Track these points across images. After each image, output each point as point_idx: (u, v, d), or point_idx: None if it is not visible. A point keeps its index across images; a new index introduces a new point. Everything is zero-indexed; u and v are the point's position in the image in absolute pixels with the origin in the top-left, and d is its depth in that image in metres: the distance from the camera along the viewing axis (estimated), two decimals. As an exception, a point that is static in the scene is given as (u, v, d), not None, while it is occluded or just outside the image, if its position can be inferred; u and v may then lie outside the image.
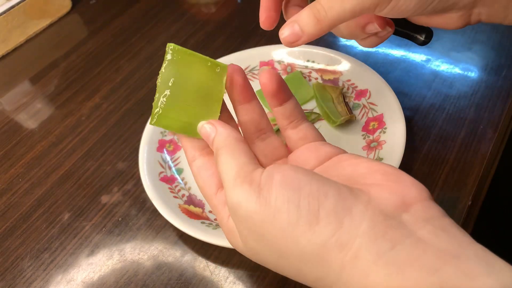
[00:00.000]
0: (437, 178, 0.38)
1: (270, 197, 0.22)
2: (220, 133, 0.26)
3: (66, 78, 0.56)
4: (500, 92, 0.44)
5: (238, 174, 0.24)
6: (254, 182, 0.23)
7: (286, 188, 0.22)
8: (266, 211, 0.22)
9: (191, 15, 0.62)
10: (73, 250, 0.39)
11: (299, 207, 0.21)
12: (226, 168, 0.24)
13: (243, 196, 0.23)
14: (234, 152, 0.25)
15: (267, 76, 0.28)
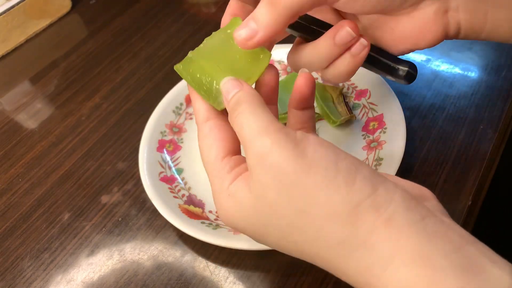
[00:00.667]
0: (437, 178, 0.38)
1: (308, 150, 0.21)
2: (246, 90, 0.25)
3: (66, 78, 0.56)
4: (500, 92, 0.44)
5: (270, 125, 0.22)
6: (290, 135, 0.22)
7: (324, 148, 0.22)
8: (302, 162, 0.21)
9: (191, 15, 0.62)
10: (73, 250, 0.39)
11: (337, 166, 0.21)
12: (253, 120, 0.23)
13: (277, 143, 0.21)
14: (263, 107, 0.24)
15: (304, 80, 0.27)
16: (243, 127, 0.23)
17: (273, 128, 0.22)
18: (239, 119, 0.23)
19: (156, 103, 0.46)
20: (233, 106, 0.24)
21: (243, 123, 0.23)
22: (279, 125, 0.22)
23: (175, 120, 0.45)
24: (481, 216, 0.41)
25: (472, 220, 0.39)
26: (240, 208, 0.23)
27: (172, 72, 0.54)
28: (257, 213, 0.23)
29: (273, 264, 0.35)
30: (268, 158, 0.21)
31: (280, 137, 0.21)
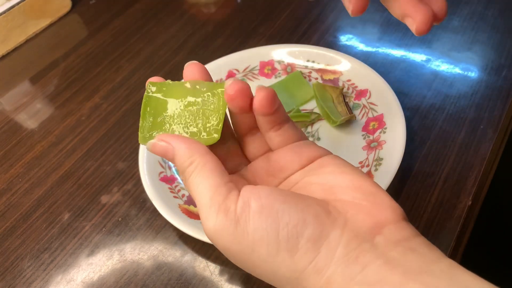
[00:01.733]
0: (437, 178, 0.38)
1: (248, 228, 0.22)
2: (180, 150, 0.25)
3: (66, 78, 0.56)
4: (500, 92, 0.44)
5: (212, 200, 0.23)
6: (230, 211, 0.22)
7: (264, 218, 0.22)
8: (245, 243, 0.22)
9: (191, 15, 0.62)
10: (73, 250, 0.39)
11: (278, 237, 0.22)
12: (198, 191, 0.24)
13: (220, 226, 0.22)
14: (203, 174, 0.24)
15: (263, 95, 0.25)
16: (195, 198, 0.24)
17: (217, 204, 0.23)
18: (188, 187, 0.25)
19: (156, 103, 0.45)
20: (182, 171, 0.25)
21: (194, 195, 0.24)
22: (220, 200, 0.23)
23: (175, 120, 0.45)
24: (481, 216, 0.41)
25: (472, 220, 0.39)
26: None
27: (172, 72, 0.54)
28: None
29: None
30: (215, 240, 0.23)
31: (220, 219, 0.22)
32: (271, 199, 0.23)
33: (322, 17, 0.56)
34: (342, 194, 0.24)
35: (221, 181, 0.24)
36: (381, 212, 0.23)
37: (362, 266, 0.21)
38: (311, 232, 0.22)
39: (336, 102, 0.43)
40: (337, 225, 0.22)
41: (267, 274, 0.23)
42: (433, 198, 0.37)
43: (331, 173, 0.25)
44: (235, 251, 0.23)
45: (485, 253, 0.62)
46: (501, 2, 0.52)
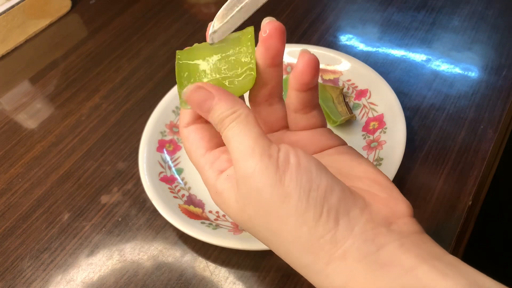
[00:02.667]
0: (437, 178, 0.38)
1: (285, 178, 0.22)
2: (221, 98, 0.25)
3: (66, 78, 0.56)
4: (500, 92, 0.44)
5: (255, 145, 0.23)
6: (273, 157, 0.23)
7: (300, 175, 0.23)
8: (279, 190, 0.22)
9: (191, 15, 0.62)
10: (72, 250, 0.39)
11: (309, 198, 0.22)
12: (240, 139, 0.24)
13: (261, 167, 0.23)
14: (247, 123, 0.24)
15: (308, 62, 0.26)
16: (234, 145, 0.24)
17: (261, 148, 0.23)
18: (229, 137, 0.24)
19: (156, 103, 0.45)
20: (221, 121, 0.25)
21: (233, 142, 0.24)
22: (264, 146, 0.23)
23: (175, 120, 0.45)
24: (482, 216, 0.41)
25: (472, 220, 0.39)
26: (227, 206, 0.26)
27: (172, 72, 0.54)
28: (241, 218, 0.25)
29: (273, 264, 0.35)
30: (250, 182, 0.23)
31: (264, 160, 0.23)
32: (308, 160, 0.23)
33: (322, 17, 0.56)
34: (360, 183, 0.25)
35: (262, 133, 0.24)
36: (397, 205, 0.24)
37: (377, 246, 0.21)
38: (335, 201, 0.22)
39: (336, 102, 0.43)
40: (358, 205, 0.23)
41: (286, 231, 0.23)
42: (433, 198, 0.37)
43: (348, 161, 0.26)
44: (267, 195, 0.23)
45: (485, 253, 0.62)
46: (501, 2, 0.52)
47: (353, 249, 0.22)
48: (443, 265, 0.20)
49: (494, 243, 0.64)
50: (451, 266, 0.20)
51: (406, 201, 0.24)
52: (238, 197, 0.24)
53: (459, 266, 0.21)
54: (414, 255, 0.21)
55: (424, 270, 0.20)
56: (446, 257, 0.21)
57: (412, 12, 0.54)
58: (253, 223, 0.24)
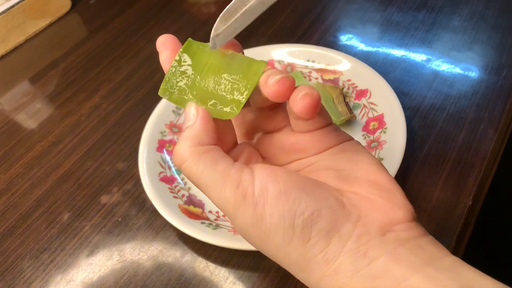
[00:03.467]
0: (437, 178, 0.38)
1: (265, 213, 0.22)
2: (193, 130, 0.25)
3: (66, 78, 0.56)
4: (500, 92, 0.43)
5: (224, 183, 0.23)
6: (248, 193, 0.22)
7: (281, 204, 0.22)
8: (262, 227, 0.22)
9: (191, 15, 0.62)
10: (72, 251, 0.39)
11: (294, 226, 0.22)
12: (208, 175, 0.23)
13: (238, 209, 0.22)
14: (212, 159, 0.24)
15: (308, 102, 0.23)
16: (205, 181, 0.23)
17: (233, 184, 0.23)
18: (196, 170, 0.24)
19: (156, 103, 0.45)
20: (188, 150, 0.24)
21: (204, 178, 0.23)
22: (235, 174, 0.23)
23: (175, 120, 0.45)
24: (482, 216, 0.41)
25: (472, 220, 0.39)
26: None
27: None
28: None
29: (273, 264, 0.35)
30: (234, 222, 0.23)
31: (239, 202, 0.22)
32: (289, 184, 0.23)
33: (322, 17, 0.56)
34: (358, 187, 0.24)
35: (231, 164, 0.24)
36: (394, 211, 0.23)
37: (369, 260, 0.21)
38: (325, 224, 0.22)
39: (336, 102, 0.43)
40: (350, 220, 0.23)
41: (279, 258, 0.23)
42: (433, 198, 0.37)
43: (348, 160, 0.25)
44: (253, 234, 0.23)
45: (485, 253, 0.62)
46: (501, 2, 0.52)
47: (344, 265, 0.22)
48: (437, 271, 0.20)
49: (494, 243, 0.64)
50: (448, 270, 0.20)
51: (406, 205, 0.24)
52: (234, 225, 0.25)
53: (457, 269, 0.20)
54: (407, 265, 0.21)
55: (416, 279, 0.20)
56: (444, 261, 0.21)
57: (412, 12, 0.54)
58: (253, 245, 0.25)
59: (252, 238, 0.23)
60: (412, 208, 0.24)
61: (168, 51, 0.27)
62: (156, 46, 0.27)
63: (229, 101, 0.25)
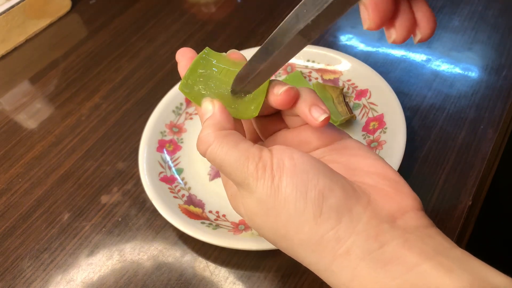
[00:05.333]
0: (437, 178, 0.38)
1: (281, 184, 0.23)
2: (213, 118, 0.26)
3: (66, 78, 0.56)
4: (500, 92, 0.43)
5: (247, 158, 0.24)
6: (267, 166, 0.24)
7: (296, 177, 0.23)
8: (278, 197, 0.23)
9: (191, 15, 0.62)
10: (72, 250, 0.39)
11: (306, 197, 0.23)
12: (232, 155, 0.25)
13: (259, 181, 0.24)
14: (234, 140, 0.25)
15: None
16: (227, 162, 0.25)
17: (253, 160, 0.24)
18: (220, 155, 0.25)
19: (156, 103, 0.45)
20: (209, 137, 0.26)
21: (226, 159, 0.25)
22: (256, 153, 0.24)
23: (175, 120, 0.45)
24: (482, 216, 0.41)
25: (472, 220, 0.39)
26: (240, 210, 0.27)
27: (172, 72, 0.54)
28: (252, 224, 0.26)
29: (273, 264, 0.35)
30: (254, 194, 0.24)
31: (260, 174, 0.24)
32: (303, 160, 0.24)
33: (322, 17, 0.56)
34: (366, 178, 0.25)
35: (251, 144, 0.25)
36: (404, 200, 0.24)
37: (380, 244, 0.22)
38: (336, 201, 0.23)
39: (336, 102, 0.43)
40: (361, 203, 0.23)
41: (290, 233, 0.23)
42: (433, 198, 0.37)
43: (355, 155, 0.26)
44: (269, 204, 0.23)
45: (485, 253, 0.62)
46: (501, 2, 0.52)
47: (355, 246, 0.22)
48: (449, 261, 0.20)
49: (494, 243, 0.64)
50: (458, 261, 0.20)
51: (414, 195, 0.24)
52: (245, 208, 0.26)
53: (468, 261, 0.20)
54: (418, 252, 0.21)
55: (428, 266, 0.20)
56: (454, 251, 0.21)
57: (412, 12, 0.54)
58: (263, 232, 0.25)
59: (269, 211, 0.24)
60: (419, 199, 0.24)
61: (186, 60, 0.29)
62: (176, 57, 0.29)
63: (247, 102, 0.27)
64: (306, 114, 0.26)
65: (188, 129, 0.45)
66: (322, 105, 0.26)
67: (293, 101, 0.26)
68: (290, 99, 0.26)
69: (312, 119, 0.25)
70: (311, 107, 0.26)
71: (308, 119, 0.26)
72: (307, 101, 0.26)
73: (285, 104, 0.26)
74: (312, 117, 0.25)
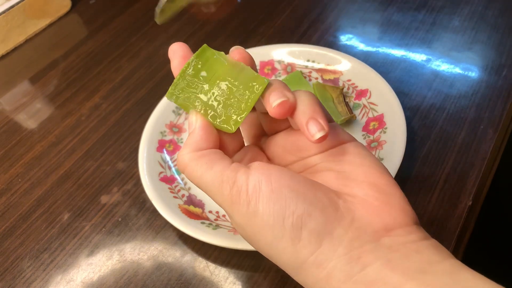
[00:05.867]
0: (437, 178, 0.38)
1: (258, 210, 0.23)
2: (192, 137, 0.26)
3: (66, 78, 0.56)
4: (500, 92, 0.43)
5: (221, 182, 0.24)
6: (242, 191, 0.23)
7: (272, 203, 0.23)
8: (255, 223, 0.23)
9: (191, 15, 0.62)
10: (72, 251, 0.39)
11: (284, 225, 0.22)
12: (206, 177, 0.24)
13: (234, 206, 0.23)
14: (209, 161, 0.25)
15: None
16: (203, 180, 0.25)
17: (229, 183, 0.24)
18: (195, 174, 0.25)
19: (156, 103, 0.45)
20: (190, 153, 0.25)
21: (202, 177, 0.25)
22: (229, 180, 0.24)
23: (175, 120, 0.45)
24: (482, 216, 0.41)
25: (472, 220, 0.39)
26: None
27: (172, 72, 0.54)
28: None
29: (273, 264, 0.35)
30: (232, 219, 0.24)
31: (234, 200, 0.23)
32: (281, 184, 0.23)
33: (322, 17, 0.56)
34: (356, 189, 0.24)
35: (228, 164, 0.24)
36: (391, 215, 0.23)
37: (362, 266, 0.21)
38: (315, 225, 0.22)
39: (336, 102, 0.43)
40: (342, 224, 0.23)
41: (273, 257, 0.24)
42: (433, 198, 0.37)
43: (350, 163, 0.25)
44: (248, 231, 0.24)
45: (485, 253, 0.62)
46: (501, 2, 0.52)
47: (337, 270, 0.21)
48: (433, 277, 0.20)
49: (494, 243, 0.64)
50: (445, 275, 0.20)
51: (406, 209, 0.23)
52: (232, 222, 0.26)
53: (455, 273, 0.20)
54: (402, 271, 0.20)
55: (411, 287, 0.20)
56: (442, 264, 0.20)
57: (412, 12, 0.54)
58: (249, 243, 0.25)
59: (248, 236, 0.24)
60: (412, 212, 0.24)
61: (179, 58, 0.28)
62: (168, 54, 0.28)
63: (228, 117, 0.26)
64: (303, 128, 0.24)
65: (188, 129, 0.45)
66: (320, 118, 0.24)
67: (288, 113, 0.25)
68: (285, 112, 0.24)
69: (309, 135, 0.24)
70: (309, 120, 0.24)
71: (305, 133, 0.24)
72: (306, 113, 0.24)
73: (280, 116, 0.25)
74: (308, 133, 0.24)
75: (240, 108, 0.26)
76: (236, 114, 0.26)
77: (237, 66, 0.27)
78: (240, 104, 0.26)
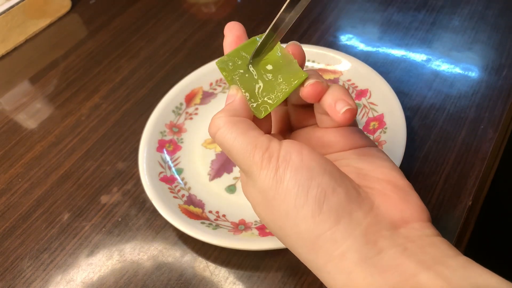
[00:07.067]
0: (437, 178, 0.38)
1: (284, 177, 0.23)
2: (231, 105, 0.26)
3: (66, 78, 0.56)
4: (500, 92, 0.43)
5: (255, 146, 0.24)
6: (273, 157, 0.24)
7: (300, 173, 0.23)
8: (279, 189, 0.23)
9: (191, 15, 0.62)
10: (72, 251, 0.39)
11: (308, 195, 0.23)
12: (239, 141, 0.25)
13: (262, 171, 0.24)
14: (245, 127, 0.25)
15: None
16: (234, 147, 0.25)
17: (260, 149, 0.24)
18: (229, 140, 0.25)
19: (156, 103, 0.45)
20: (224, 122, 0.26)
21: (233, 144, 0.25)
22: (263, 143, 0.24)
23: (175, 120, 0.45)
24: (482, 216, 0.41)
25: (472, 220, 0.39)
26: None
27: (172, 72, 0.54)
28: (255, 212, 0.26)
29: (273, 264, 0.35)
30: (257, 182, 0.24)
31: (265, 164, 0.24)
32: (311, 158, 0.24)
33: (322, 17, 0.56)
34: (375, 183, 0.25)
35: (261, 133, 0.25)
36: (409, 209, 0.24)
37: (379, 250, 0.21)
38: (337, 202, 0.23)
39: (336, 102, 0.43)
40: (362, 209, 0.23)
41: (288, 228, 0.23)
42: (433, 198, 0.37)
43: (370, 163, 0.26)
44: (270, 195, 0.24)
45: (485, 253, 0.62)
46: (501, 2, 0.52)
47: (352, 250, 0.22)
48: (448, 270, 0.20)
49: (494, 243, 0.64)
50: (459, 269, 0.20)
51: (422, 206, 0.24)
52: (249, 196, 0.26)
53: (469, 268, 0.20)
54: (416, 261, 0.20)
55: (426, 276, 0.20)
56: (456, 260, 0.21)
57: (412, 12, 0.54)
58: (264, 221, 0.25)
59: (268, 200, 0.24)
60: (427, 211, 0.24)
61: (233, 37, 0.29)
62: (224, 31, 0.29)
63: (262, 102, 0.27)
64: (331, 107, 0.25)
65: (188, 129, 0.45)
66: (349, 100, 0.24)
67: (319, 96, 0.26)
68: (317, 93, 0.25)
69: (335, 112, 0.24)
70: (338, 100, 0.24)
71: (331, 112, 0.24)
72: (334, 95, 0.25)
73: (310, 96, 0.26)
74: (335, 110, 0.24)
75: (275, 98, 0.27)
76: (269, 103, 0.27)
77: (287, 58, 0.28)
78: (276, 94, 0.27)
